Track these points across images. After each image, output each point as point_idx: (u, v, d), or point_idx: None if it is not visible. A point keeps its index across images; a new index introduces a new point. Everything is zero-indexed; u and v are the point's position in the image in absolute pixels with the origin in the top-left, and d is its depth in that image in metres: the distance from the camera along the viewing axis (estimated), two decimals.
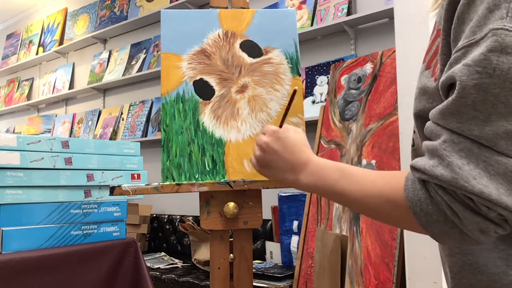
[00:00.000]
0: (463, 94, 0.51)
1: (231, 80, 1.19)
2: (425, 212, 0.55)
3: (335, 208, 2.13)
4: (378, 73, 2.10)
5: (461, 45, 0.53)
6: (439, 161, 0.53)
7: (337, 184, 0.68)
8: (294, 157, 0.76)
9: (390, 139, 1.91)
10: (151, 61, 3.91)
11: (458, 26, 0.55)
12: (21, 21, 5.58)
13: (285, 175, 0.77)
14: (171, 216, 3.69)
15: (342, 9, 2.79)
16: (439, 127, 0.54)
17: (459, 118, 0.52)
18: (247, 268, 1.13)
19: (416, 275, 1.60)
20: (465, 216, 0.52)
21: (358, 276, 1.88)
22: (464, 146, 0.51)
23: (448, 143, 0.53)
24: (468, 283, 0.59)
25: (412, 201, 0.56)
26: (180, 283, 2.71)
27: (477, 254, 0.58)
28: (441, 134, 0.54)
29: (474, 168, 0.51)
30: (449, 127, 0.53)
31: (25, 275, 1.36)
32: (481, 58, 0.50)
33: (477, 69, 0.50)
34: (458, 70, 0.52)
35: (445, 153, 0.52)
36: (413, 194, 0.56)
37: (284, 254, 2.59)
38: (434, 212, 0.55)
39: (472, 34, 0.52)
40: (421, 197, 0.56)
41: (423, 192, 0.56)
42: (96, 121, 4.34)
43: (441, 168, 0.52)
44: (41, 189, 1.50)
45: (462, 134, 0.52)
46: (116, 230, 1.64)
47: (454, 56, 0.54)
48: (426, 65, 0.64)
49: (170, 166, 1.12)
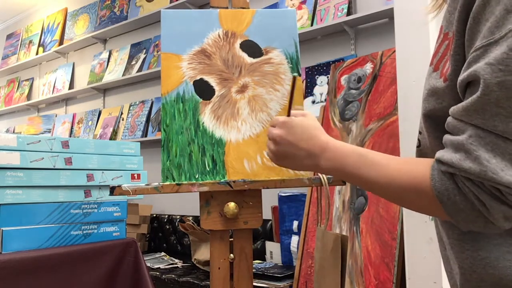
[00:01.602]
0: (486, 92, 0.53)
1: (231, 80, 1.18)
2: (453, 201, 0.58)
3: (335, 208, 2.13)
4: (378, 73, 2.10)
5: (479, 44, 0.55)
6: (466, 155, 0.56)
7: (359, 170, 0.69)
8: (309, 144, 0.76)
9: (390, 139, 1.91)
10: (151, 61, 3.91)
11: (474, 27, 0.57)
12: (21, 21, 5.57)
13: (304, 163, 0.77)
14: (171, 216, 3.69)
15: (342, 9, 2.79)
16: (462, 123, 0.57)
17: (483, 115, 0.54)
18: (247, 268, 1.13)
19: (416, 275, 1.60)
20: (492, 205, 0.55)
21: (358, 276, 1.88)
22: (490, 140, 0.54)
23: (474, 137, 0.55)
24: (478, 278, 0.61)
25: (439, 190, 0.59)
26: (180, 283, 2.71)
27: (487, 249, 0.60)
28: (466, 129, 0.56)
29: (501, 160, 0.54)
30: (474, 123, 0.56)
31: (25, 275, 1.36)
32: (503, 57, 0.52)
33: (500, 67, 0.52)
34: (481, 68, 0.54)
35: (472, 147, 0.55)
36: (440, 184, 0.59)
37: (284, 254, 2.59)
38: (461, 202, 0.57)
39: (491, 34, 0.54)
40: (449, 187, 0.58)
41: (450, 183, 0.58)
42: (96, 121, 4.34)
43: (469, 161, 0.55)
44: (41, 189, 1.50)
45: (487, 129, 0.55)
46: (116, 230, 1.64)
47: (472, 55, 0.56)
48: (434, 68, 0.66)
49: (170, 166, 1.12)
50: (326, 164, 0.74)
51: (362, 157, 0.70)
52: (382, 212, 1.86)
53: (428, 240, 1.55)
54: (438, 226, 0.73)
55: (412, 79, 1.63)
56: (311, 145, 0.76)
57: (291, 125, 0.78)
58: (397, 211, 1.79)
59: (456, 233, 0.64)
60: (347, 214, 2.05)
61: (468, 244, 0.62)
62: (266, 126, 1.16)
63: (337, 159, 0.72)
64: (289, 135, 0.78)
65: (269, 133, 0.82)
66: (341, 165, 0.72)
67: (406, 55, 1.66)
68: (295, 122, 0.79)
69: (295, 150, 0.77)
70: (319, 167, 0.75)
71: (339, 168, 0.72)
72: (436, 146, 0.65)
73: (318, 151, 0.75)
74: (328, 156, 0.73)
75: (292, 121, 0.79)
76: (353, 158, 0.70)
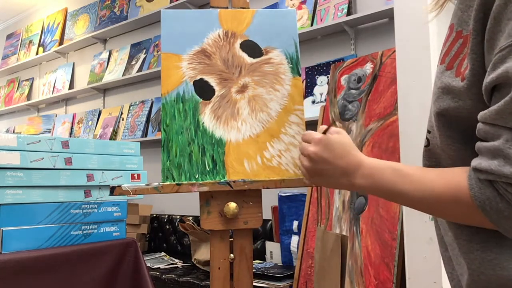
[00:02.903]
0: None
1: (231, 80, 1.18)
2: (496, 209, 0.57)
3: (335, 208, 2.13)
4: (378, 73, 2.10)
5: (505, 44, 0.54)
6: (505, 161, 0.55)
7: (395, 186, 0.68)
8: (344, 162, 0.75)
9: (390, 139, 1.91)
10: (151, 61, 3.91)
11: (495, 26, 0.56)
12: (21, 21, 5.57)
13: (339, 181, 0.76)
14: (171, 216, 3.69)
15: (342, 9, 2.79)
16: (496, 127, 0.56)
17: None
18: (247, 268, 1.13)
19: (416, 275, 1.60)
20: None
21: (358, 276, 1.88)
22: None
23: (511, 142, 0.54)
24: (486, 280, 0.60)
25: (479, 200, 0.58)
26: (180, 283, 2.71)
27: (497, 251, 0.60)
28: (501, 134, 0.55)
29: None
30: (509, 126, 0.54)
31: (25, 275, 1.36)
32: None
33: None
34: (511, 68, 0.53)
35: (510, 151, 0.54)
36: (480, 193, 0.58)
37: (284, 254, 2.59)
38: (505, 209, 0.56)
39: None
40: (490, 196, 0.57)
41: (490, 191, 0.57)
42: (96, 121, 4.34)
43: (509, 167, 0.54)
44: (41, 189, 1.50)
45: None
46: (116, 230, 1.64)
47: (498, 56, 0.55)
48: (447, 66, 0.65)
49: (170, 166, 1.12)
50: (361, 181, 0.73)
51: (397, 171, 0.69)
52: (382, 212, 1.86)
53: (428, 240, 1.55)
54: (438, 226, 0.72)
55: (412, 79, 1.63)
56: (346, 162, 0.75)
57: (328, 143, 0.77)
58: (397, 211, 1.79)
59: (465, 234, 0.63)
60: (347, 214, 2.05)
61: (478, 245, 0.61)
62: (266, 126, 1.16)
63: (372, 176, 0.72)
64: (325, 153, 0.76)
65: (302, 149, 0.80)
66: (376, 181, 0.71)
67: (406, 55, 1.66)
68: (331, 139, 0.77)
69: (330, 168, 0.76)
70: (354, 185, 0.74)
71: (374, 185, 0.71)
72: (447, 146, 0.64)
73: (353, 169, 0.74)
74: (363, 173, 0.73)
75: (329, 139, 0.77)
76: (388, 173, 0.70)
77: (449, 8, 0.72)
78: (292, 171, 1.14)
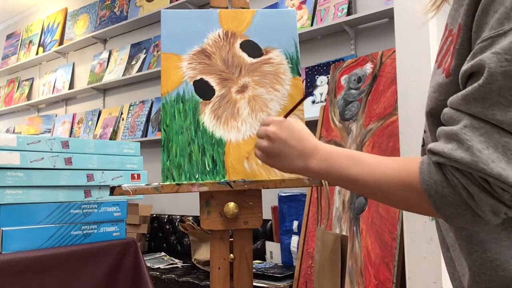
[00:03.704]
0: (490, 80, 0.53)
1: (231, 80, 1.19)
2: (440, 194, 0.57)
3: (335, 208, 2.13)
4: (378, 73, 2.10)
5: (487, 35, 0.55)
6: (458, 145, 0.55)
7: (349, 171, 0.68)
8: (302, 144, 0.76)
9: (390, 139, 1.91)
10: (151, 61, 3.91)
11: (482, 18, 0.56)
12: (21, 21, 5.57)
13: (294, 163, 0.77)
14: (171, 216, 3.69)
15: (342, 9, 2.79)
16: (459, 113, 0.56)
17: (483, 104, 0.54)
18: (247, 268, 1.13)
19: (416, 275, 1.60)
20: (480, 197, 0.54)
21: (358, 276, 1.88)
22: (485, 131, 0.54)
23: (469, 127, 0.55)
24: (488, 280, 0.60)
25: (427, 183, 0.58)
26: (180, 283, 2.71)
27: (497, 251, 0.60)
28: (461, 119, 0.56)
29: (493, 152, 0.53)
30: (471, 112, 0.55)
31: (25, 275, 1.36)
32: (511, 47, 0.52)
33: (506, 57, 0.52)
34: (487, 58, 0.53)
35: (465, 137, 0.54)
36: (429, 177, 0.58)
37: (284, 254, 2.59)
38: (449, 194, 0.56)
39: (500, 25, 0.54)
40: (437, 180, 0.57)
41: (439, 175, 0.57)
42: (96, 121, 4.34)
43: (460, 151, 0.54)
44: (41, 189, 1.50)
45: (484, 119, 0.54)
46: (116, 230, 1.64)
47: (479, 46, 0.56)
48: (438, 64, 0.66)
49: (170, 166, 1.12)
50: (316, 166, 0.73)
51: (352, 157, 0.69)
52: (382, 212, 1.86)
53: (428, 240, 1.55)
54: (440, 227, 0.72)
55: (412, 79, 1.64)
56: (304, 145, 0.76)
57: (288, 124, 0.79)
58: (397, 211, 1.79)
59: (464, 235, 0.63)
60: (347, 214, 2.05)
61: (477, 246, 0.61)
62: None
63: (327, 160, 0.72)
64: (283, 133, 0.78)
65: (261, 130, 0.82)
66: (330, 165, 0.71)
67: (406, 55, 1.66)
68: (291, 122, 0.79)
69: (287, 148, 0.77)
70: (309, 169, 0.75)
71: (328, 169, 0.72)
72: None
73: (309, 153, 0.75)
74: (318, 158, 0.73)
75: (289, 121, 0.80)
76: (342, 157, 0.70)
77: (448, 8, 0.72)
78: None
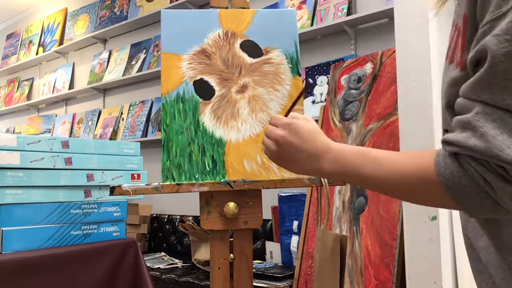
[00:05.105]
0: (493, 64, 0.52)
1: (231, 80, 1.18)
2: (458, 185, 0.56)
3: (335, 208, 2.13)
4: (378, 73, 2.10)
5: (487, 19, 0.54)
6: (472, 133, 0.54)
7: (363, 169, 0.67)
8: (312, 146, 0.74)
9: (390, 139, 1.91)
10: (151, 61, 3.91)
11: (483, 5, 0.56)
12: (21, 21, 5.57)
13: (306, 166, 0.75)
14: (171, 216, 3.69)
15: (342, 9, 2.79)
16: (470, 101, 0.55)
17: (491, 89, 0.53)
18: (247, 268, 1.13)
19: (416, 275, 1.59)
20: (497, 185, 0.53)
21: (358, 276, 1.88)
22: (497, 116, 0.52)
23: (481, 114, 0.53)
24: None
25: (444, 175, 0.57)
26: (180, 283, 2.71)
27: None
28: (473, 107, 0.55)
29: (507, 137, 0.52)
30: (481, 99, 0.54)
31: (25, 275, 1.36)
32: (509, 26, 0.51)
33: (506, 37, 0.51)
34: (488, 41, 0.52)
35: (478, 124, 0.53)
36: (445, 168, 0.57)
37: (284, 254, 2.59)
38: (467, 184, 0.55)
39: (498, 8, 0.53)
40: (454, 171, 0.56)
41: (455, 166, 0.56)
42: (96, 121, 4.33)
43: (474, 139, 0.53)
44: (41, 189, 1.50)
45: (495, 105, 0.53)
46: (116, 230, 1.64)
47: (480, 31, 0.55)
48: (450, 60, 0.64)
49: (170, 166, 1.12)
50: (328, 166, 0.71)
51: (364, 154, 0.68)
52: (382, 212, 1.86)
53: (428, 240, 1.55)
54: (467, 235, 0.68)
55: (412, 79, 1.63)
56: (314, 147, 0.73)
57: (296, 127, 0.76)
58: (397, 211, 1.79)
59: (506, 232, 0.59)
60: (347, 214, 2.05)
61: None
62: (266, 126, 1.16)
63: (339, 160, 0.70)
64: (293, 137, 0.75)
65: (270, 132, 0.79)
66: (343, 165, 0.70)
67: (406, 55, 1.66)
68: (299, 124, 0.76)
69: (297, 152, 0.75)
70: (322, 170, 0.73)
71: (341, 169, 0.70)
72: None
73: (320, 154, 0.73)
74: (330, 158, 0.71)
75: (297, 124, 0.76)
76: (354, 156, 0.69)
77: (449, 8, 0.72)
78: None
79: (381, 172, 0.65)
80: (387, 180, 0.64)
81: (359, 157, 0.68)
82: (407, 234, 1.63)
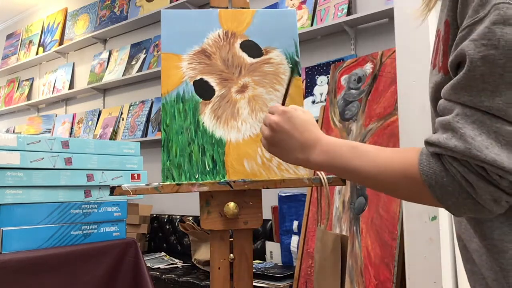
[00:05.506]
0: (471, 68, 0.53)
1: (231, 80, 1.18)
2: (440, 184, 0.57)
3: (335, 208, 2.13)
4: (378, 73, 2.10)
5: (465, 24, 0.55)
6: (452, 134, 0.55)
7: (350, 162, 0.68)
8: (304, 136, 0.76)
9: (390, 139, 1.91)
10: (151, 61, 3.91)
11: (462, 11, 0.57)
12: (21, 21, 5.57)
13: (296, 154, 0.77)
14: (171, 216, 3.69)
15: (342, 9, 2.79)
16: (451, 103, 0.57)
17: (470, 91, 0.54)
18: (247, 268, 1.13)
19: (416, 275, 1.60)
20: (479, 186, 0.54)
21: (358, 276, 1.88)
22: (476, 118, 0.54)
23: (461, 116, 0.55)
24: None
25: (427, 174, 0.58)
26: (180, 283, 2.71)
27: None
28: (454, 108, 0.56)
29: (486, 138, 0.53)
30: (461, 101, 0.55)
31: (25, 275, 1.36)
32: (485, 31, 0.52)
33: (483, 42, 0.52)
34: (465, 46, 0.54)
35: (458, 125, 0.55)
36: (428, 168, 0.58)
37: (284, 254, 2.59)
38: (449, 184, 0.56)
39: (475, 13, 0.54)
40: (436, 170, 0.57)
41: (438, 165, 0.57)
42: (96, 121, 4.34)
43: (454, 140, 0.55)
44: (41, 189, 1.50)
45: (474, 106, 0.54)
46: (116, 230, 1.64)
47: (459, 36, 0.56)
48: (433, 65, 0.66)
49: (170, 166, 1.12)
50: (317, 158, 0.74)
51: (353, 148, 0.70)
52: (382, 212, 1.86)
53: (428, 240, 1.55)
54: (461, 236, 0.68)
55: (412, 79, 1.63)
56: (306, 137, 0.76)
57: (291, 115, 0.79)
58: (397, 211, 1.79)
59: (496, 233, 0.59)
60: (347, 214, 2.05)
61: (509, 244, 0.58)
62: None
63: (328, 152, 0.72)
64: (286, 124, 0.78)
65: (266, 118, 0.82)
66: (332, 157, 0.71)
67: (406, 55, 1.66)
68: (294, 113, 0.79)
69: (288, 139, 0.78)
70: (310, 161, 0.75)
71: (330, 161, 0.72)
72: None
73: (310, 145, 0.75)
74: (319, 150, 0.74)
75: (292, 112, 0.79)
76: (343, 149, 0.71)
77: None
78: (292, 171, 1.14)
79: (368, 166, 0.66)
80: (373, 175, 0.66)
81: (349, 151, 0.70)
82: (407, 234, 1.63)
